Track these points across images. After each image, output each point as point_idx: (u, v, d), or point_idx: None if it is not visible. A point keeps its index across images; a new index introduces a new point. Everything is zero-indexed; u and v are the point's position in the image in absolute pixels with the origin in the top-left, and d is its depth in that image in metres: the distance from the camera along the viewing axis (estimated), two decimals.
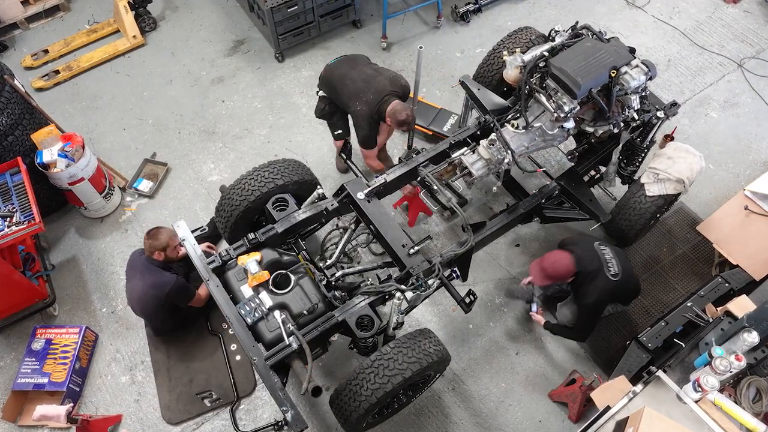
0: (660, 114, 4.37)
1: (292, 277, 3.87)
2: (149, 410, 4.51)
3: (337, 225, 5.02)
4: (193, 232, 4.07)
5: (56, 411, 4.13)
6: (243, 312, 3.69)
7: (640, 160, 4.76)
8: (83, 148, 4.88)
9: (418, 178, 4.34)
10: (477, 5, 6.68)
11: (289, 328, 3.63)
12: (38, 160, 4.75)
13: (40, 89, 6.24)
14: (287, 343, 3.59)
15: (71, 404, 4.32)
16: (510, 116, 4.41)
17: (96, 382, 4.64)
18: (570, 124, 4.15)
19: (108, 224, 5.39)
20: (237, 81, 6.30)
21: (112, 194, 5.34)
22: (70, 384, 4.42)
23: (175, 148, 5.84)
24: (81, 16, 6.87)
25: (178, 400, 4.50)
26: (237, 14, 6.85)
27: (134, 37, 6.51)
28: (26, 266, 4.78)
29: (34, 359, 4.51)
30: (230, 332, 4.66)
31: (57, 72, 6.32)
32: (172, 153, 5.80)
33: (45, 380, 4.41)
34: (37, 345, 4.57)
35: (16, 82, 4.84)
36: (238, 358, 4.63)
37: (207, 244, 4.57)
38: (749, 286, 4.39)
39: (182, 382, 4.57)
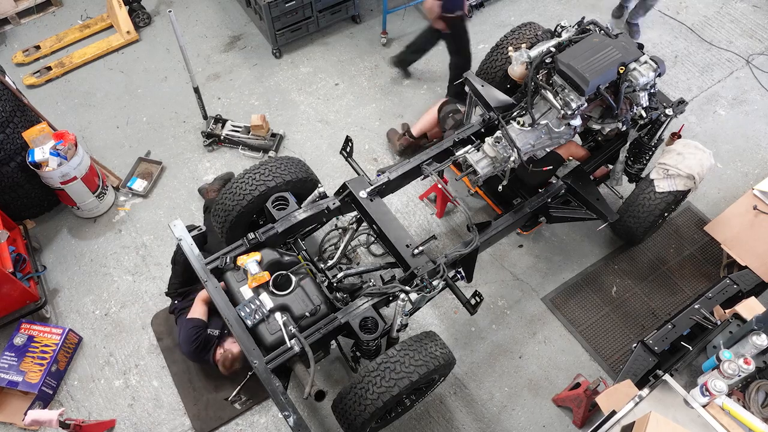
0: (668, 111, 4.31)
1: (293, 278, 3.79)
2: (143, 415, 4.42)
3: (335, 225, 4.94)
4: (190, 231, 3.98)
5: (48, 416, 4.04)
6: (243, 314, 3.60)
7: (647, 158, 4.70)
8: (76, 146, 4.79)
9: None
10: (479, 0, 6.60)
11: (290, 330, 3.54)
12: (30, 159, 4.66)
13: (31, 86, 6.12)
14: (289, 346, 3.50)
15: (62, 408, 4.21)
16: (515, 113, 4.34)
17: (89, 386, 4.54)
18: (577, 122, 4.09)
19: (101, 224, 5.28)
20: (233, 78, 6.20)
21: (105, 194, 5.23)
22: (43, 386, 4.33)
23: (170, 147, 5.73)
24: (73, 12, 6.75)
25: (207, 408, 4.42)
26: (233, 9, 6.76)
27: (128, 32, 6.40)
28: (17, 267, 4.66)
29: (13, 354, 4.43)
30: None
31: (49, 68, 6.20)
32: (167, 151, 5.70)
33: (19, 378, 4.33)
34: (19, 340, 4.49)
35: (6, 78, 4.75)
36: None
37: None
38: (758, 288, 4.35)
39: (208, 390, 4.48)
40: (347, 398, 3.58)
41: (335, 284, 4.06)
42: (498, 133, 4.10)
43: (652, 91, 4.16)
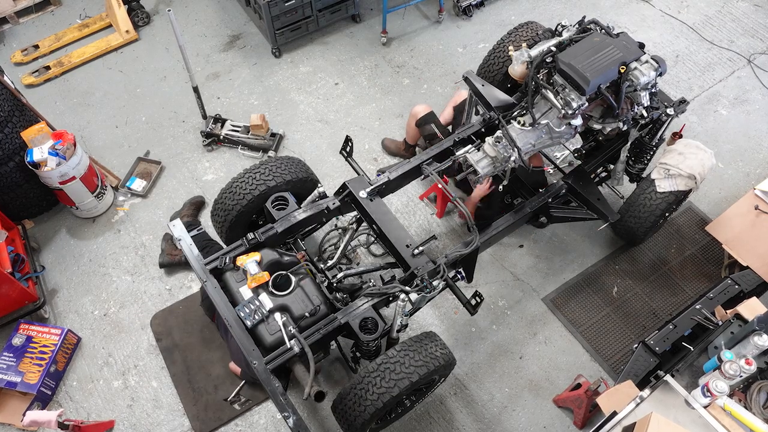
0: (670, 111, 4.29)
1: (293, 278, 3.77)
2: (142, 416, 4.40)
3: (335, 225, 4.92)
4: (189, 231, 3.96)
5: (47, 416, 4.02)
6: (242, 314, 3.58)
7: (648, 157, 4.68)
8: (74, 146, 4.76)
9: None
10: None
11: (290, 330, 3.52)
12: (28, 159, 4.63)
13: (30, 86, 6.09)
14: (288, 346, 3.48)
15: (61, 409, 4.21)
16: (516, 113, 4.32)
17: (88, 387, 4.52)
18: (578, 121, 4.06)
19: (100, 224, 5.26)
20: (233, 77, 6.18)
21: (104, 194, 5.21)
22: (42, 387, 4.31)
23: (169, 146, 5.71)
24: (72, 11, 6.72)
25: (207, 408, 4.41)
26: (233, 8, 6.73)
27: (127, 32, 6.38)
28: (15, 268, 4.64)
29: (12, 355, 4.41)
30: None
31: (47, 68, 6.17)
32: (166, 151, 5.67)
33: (18, 379, 4.31)
34: (18, 341, 4.47)
35: (5, 78, 4.71)
36: None
37: None
38: (760, 288, 4.31)
39: (207, 391, 4.47)
40: (347, 399, 3.57)
41: (335, 284, 4.04)
42: (498, 133, 4.07)
43: (653, 90, 4.13)
